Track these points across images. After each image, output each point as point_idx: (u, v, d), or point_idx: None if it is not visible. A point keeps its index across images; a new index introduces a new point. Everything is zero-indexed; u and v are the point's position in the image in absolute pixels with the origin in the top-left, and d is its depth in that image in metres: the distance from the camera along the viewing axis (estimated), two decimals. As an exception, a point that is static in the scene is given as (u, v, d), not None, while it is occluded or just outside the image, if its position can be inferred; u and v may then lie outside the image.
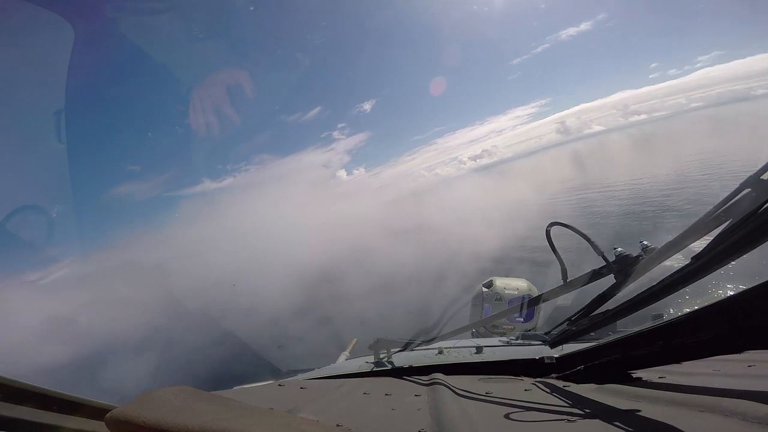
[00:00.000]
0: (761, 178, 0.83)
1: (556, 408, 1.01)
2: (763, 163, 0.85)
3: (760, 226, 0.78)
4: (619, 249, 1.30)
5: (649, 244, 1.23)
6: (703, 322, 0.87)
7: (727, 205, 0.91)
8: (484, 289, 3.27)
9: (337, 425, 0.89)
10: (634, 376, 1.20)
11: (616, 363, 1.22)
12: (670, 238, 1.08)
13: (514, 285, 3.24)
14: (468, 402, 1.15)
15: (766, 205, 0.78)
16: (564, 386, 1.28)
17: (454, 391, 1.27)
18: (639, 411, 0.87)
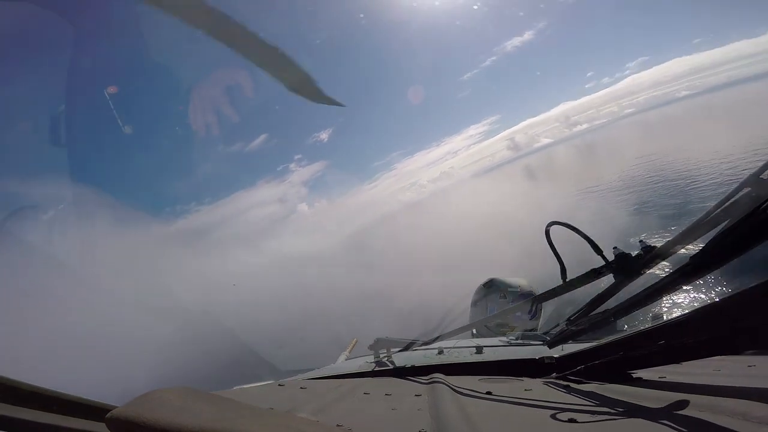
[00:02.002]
0: (761, 177, 0.84)
1: (557, 408, 1.01)
2: (763, 162, 0.86)
3: (759, 226, 0.78)
4: (619, 248, 1.30)
5: (648, 244, 1.23)
6: (703, 322, 0.87)
7: (726, 205, 0.91)
8: (486, 289, 3.28)
9: (337, 425, 0.89)
10: (634, 376, 1.20)
11: (616, 363, 1.22)
12: (668, 237, 1.08)
13: (514, 283, 3.26)
14: (468, 402, 1.15)
15: (765, 205, 0.78)
16: (564, 386, 1.28)
17: (454, 392, 1.27)
18: (639, 411, 0.87)
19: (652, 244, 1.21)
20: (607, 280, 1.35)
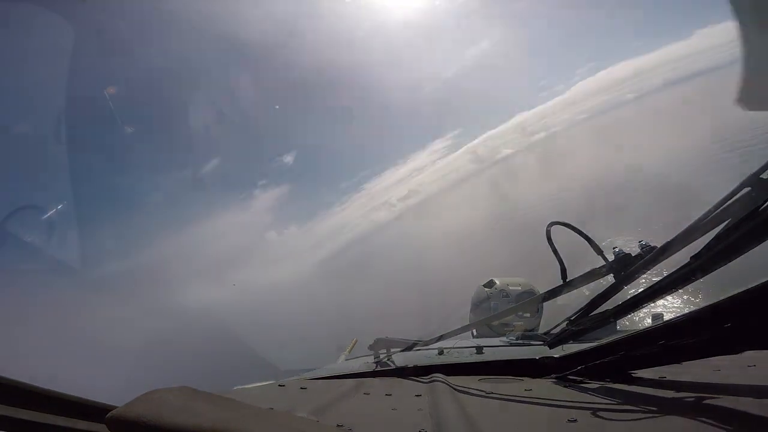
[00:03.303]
0: (761, 177, 0.83)
1: (557, 408, 1.01)
2: (763, 163, 0.86)
3: (759, 226, 0.78)
4: (619, 248, 1.31)
5: (648, 244, 1.23)
6: (703, 322, 0.87)
7: (726, 204, 0.91)
8: (486, 289, 3.28)
9: (337, 425, 0.89)
10: (634, 376, 1.20)
11: (616, 363, 1.22)
12: (668, 237, 1.08)
13: (515, 282, 3.25)
14: (469, 402, 1.15)
15: (765, 205, 0.78)
16: (564, 386, 1.28)
17: (455, 392, 1.27)
18: (639, 411, 0.87)
19: (653, 244, 1.21)
20: (607, 280, 1.35)
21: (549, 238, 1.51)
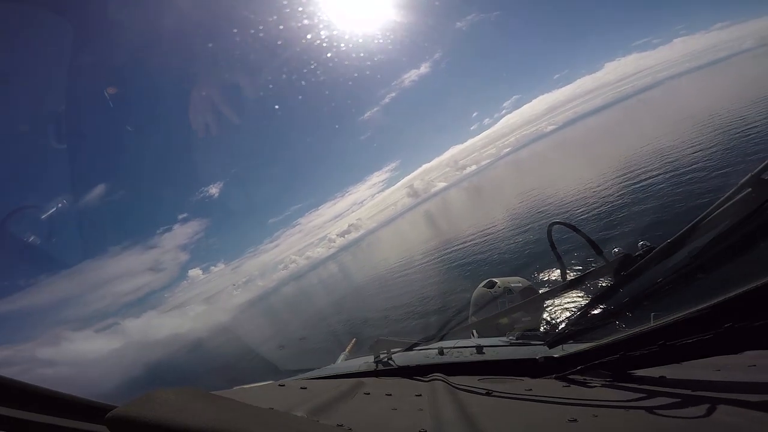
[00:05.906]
0: (761, 177, 0.84)
1: (557, 408, 1.01)
2: (763, 163, 0.86)
3: (759, 226, 0.79)
4: (619, 249, 1.31)
5: (649, 244, 1.23)
6: (703, 322, 0.87)
7: (726, 205, 0.91)
8: (488, 289, 3.29)
9: (338, 425, 0.89)
10: (634, 375, 1.20)
11: (616, 363, 1.22)
12: (668, 238, 1.08)
13: (515, 281, 3.28)
14: (469, 402, 1.15)
15: (765, 205, 0.78)
16: (564, 386, 1.28)
17: (455, 391, 1.28)
18: (639, 411, 0.87)
19: (653, 244, 1.21)
20: (607, 280, 1.35)
21: (550, 238, 1.51)
